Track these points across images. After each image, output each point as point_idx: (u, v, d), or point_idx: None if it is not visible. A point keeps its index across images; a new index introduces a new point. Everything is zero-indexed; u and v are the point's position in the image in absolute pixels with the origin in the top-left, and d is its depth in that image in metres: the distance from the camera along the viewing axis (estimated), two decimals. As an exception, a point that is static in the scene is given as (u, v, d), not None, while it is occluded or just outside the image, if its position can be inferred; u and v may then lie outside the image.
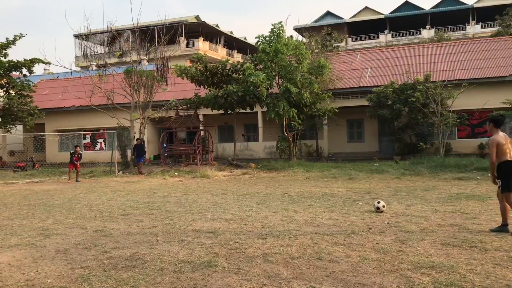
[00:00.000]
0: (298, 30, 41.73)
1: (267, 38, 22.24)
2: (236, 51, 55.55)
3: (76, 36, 39.88)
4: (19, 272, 5.62)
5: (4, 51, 27.53)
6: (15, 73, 29.21)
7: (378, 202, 9.28)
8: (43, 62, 28.14)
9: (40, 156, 30.63)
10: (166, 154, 25.46)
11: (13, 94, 28.53)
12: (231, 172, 20.71)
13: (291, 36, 26.66)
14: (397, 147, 24.98)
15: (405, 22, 52.31)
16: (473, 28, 49.84)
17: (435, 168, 17.68)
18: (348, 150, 27.74)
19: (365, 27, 53.79)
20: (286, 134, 23.40)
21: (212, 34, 51.15)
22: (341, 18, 55.59)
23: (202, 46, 47.63)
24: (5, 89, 28.82)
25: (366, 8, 56.78)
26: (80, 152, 20.66)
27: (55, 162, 27.81)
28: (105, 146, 31.76)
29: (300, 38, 30.86)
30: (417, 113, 23.00)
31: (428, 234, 7.02)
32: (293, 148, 23.71)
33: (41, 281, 5.25)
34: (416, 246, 6.28)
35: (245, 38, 57.87)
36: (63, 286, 5.05)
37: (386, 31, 52.69)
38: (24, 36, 27.88)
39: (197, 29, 47.77)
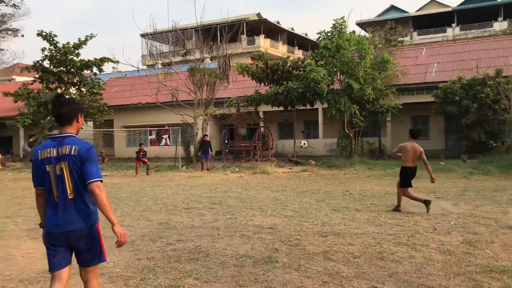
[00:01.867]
0: (361, 25, 40.90)
1: (329, 34, 21.95)
2: (297, 47, 55.26)
3: (142, 35, 41.39)
4: (91, 261, 5.92)
5: (76, 51, 28.96)
6: (86, 72, 30.75)
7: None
8: (112, 61, 29.40)
9: (109, 151, 32.08)
10: (227, 150, 25.87)
11: (85, 91, 30.10)
12: (290, 168, 20.71)
13: (354, 31, 26.17)
14: (465, 145, 23.95)
15: (474, 14, 49.75)
16: (551, 19, 46.63)
17: (506, 168, 16.74)
18: (412, 148, 26.84)
19: (431, 21, 51.74)
20: (348, 131, 23.06)
21: (273, 31, 51.21)
22: (406, 12, 53.82)
23: (263, 43, 47.80)
24: (77, 87, 30.46)
25: (433, 1, 54.61)
26: (144, 149, 21.29)
27: (123, 157, 29.00)
28: (169, 142, 32.74)
29: (362, 33, 30.23)
30: (487, 110, 21.95)
31: (498, 236, 6.68)
32: (355, 146, 23.31)
33: (109, 270, 5.53)
34: (485, 248, 6.01)
35: (306, 34, 57.37)
36: (130, 275, 5.29)
37: (453, 24, 50.39)
38: (94, 37, 29.15)
39: (258, 27, 48.01)
